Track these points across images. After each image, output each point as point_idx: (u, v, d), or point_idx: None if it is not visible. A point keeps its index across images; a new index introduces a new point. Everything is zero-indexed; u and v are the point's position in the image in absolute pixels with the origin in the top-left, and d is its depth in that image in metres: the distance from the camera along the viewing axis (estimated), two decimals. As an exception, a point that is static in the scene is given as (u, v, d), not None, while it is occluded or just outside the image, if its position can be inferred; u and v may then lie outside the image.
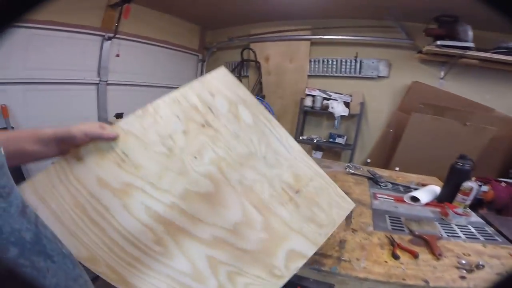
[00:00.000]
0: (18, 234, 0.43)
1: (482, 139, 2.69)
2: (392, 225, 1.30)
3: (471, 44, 2.72)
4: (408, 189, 1.76)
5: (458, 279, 0.94)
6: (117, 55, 2.89)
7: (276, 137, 0.91)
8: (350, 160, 3.34)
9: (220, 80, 0.87)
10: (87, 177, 0.67)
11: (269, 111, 3.21)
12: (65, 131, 0.65)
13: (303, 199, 0.87)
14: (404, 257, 1.04)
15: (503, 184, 1.86)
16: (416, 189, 1.73)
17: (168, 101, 0.78)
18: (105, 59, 2.80)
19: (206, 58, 4.25)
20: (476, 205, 1.80)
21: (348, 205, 0.99)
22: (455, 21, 2.74)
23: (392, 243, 1.11)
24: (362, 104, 3.30)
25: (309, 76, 3.65)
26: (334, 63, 3.52)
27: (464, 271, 0.98)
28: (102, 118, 2.79)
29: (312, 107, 3.50)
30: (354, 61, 3.40)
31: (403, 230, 1.25)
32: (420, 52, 3.05)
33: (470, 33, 2.71)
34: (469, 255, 1.09)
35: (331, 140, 3.53)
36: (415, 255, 1.04)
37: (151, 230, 0.68)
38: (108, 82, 2.87)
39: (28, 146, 0.64)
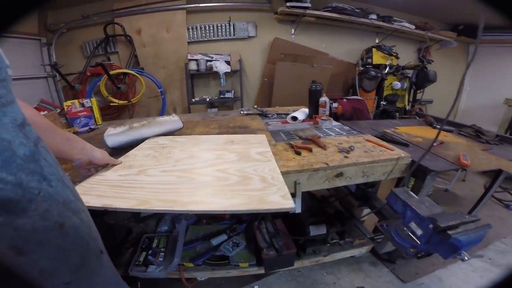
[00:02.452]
0: (7, 145, 0.35)
1: (325, 75, 3.45)
2: (286, 137, 1.61)
3: (308, 5, 3.27)
4: (288, 115, 2.07)
5: (344, 159, 1.23)
6: None
7: (203, 138, 1.48)
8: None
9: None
10: (111, 175, 1.02)
11: (155, 83, 2.98)
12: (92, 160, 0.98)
13: (239, 142, 1.37)
14: (303, 153, 1.26)
15: (345, 100, 2.30)
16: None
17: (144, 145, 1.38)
18: None
19: (52, 41, 3.37)
20: (333, 118, 2.20)
21: (262, 135, 1.48)
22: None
23: (292, 146, 1.24)
24: (240, 61, 3.55)
25: (189, 42, 3.55)
26: (211, 28, 3.55)
27: (344, 153, 1.20)
28: None
29: (197, 70, 3.49)
30: (228, 25, 3.54)
31: (295, 138, 1.55)
32: (276, 13, 3.44)
33: (309, -5, 3.25)
34: (341, 143, 1.39)
35: (221, 96, 3.69)
36: (309, 150, 1.24)
37: (171, 176, 0.99)
38: None
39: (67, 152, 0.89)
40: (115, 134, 1.36)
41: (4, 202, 0.33)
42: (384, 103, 3.42)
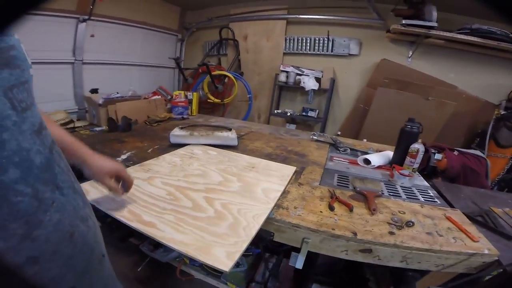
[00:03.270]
0: (26, 154, 0.35)
1: (443, 113, 2.59)
2: (338, 182, 1.26)
3: (434, 24, 2.56)
4: (365, 154, 1.67)
5: (386, 234, 0.86)
6: (92, 36, 2.71)
7: (232, 156, 1.41)
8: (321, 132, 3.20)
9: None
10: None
11: (246, 89, 3.27)
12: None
13: (259, 169, 1.24)
14: (339, 210, 0.99)
15: (455, 153, 1.70)
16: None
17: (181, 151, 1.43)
18: (80, 40, 2.63)
19: (185, 38, 4.02)
20: (431, 174, 1.69)
21: (291, 168, 1.29)
22: (422, 2, 2.57)
23: (332, 196, 0.98)
24: (333, 80, 3.20)
25: (285, 53, 3.50)
26: (308, 41, 3.35)
27: (394, 227, 0.86)
28: (78, 94, 2.67)
29: (286, 82, 3.40)
30: (326, 39, 3.24)
31: (347, 187, 1.21)
32: (388, 31, 2.88)
33: (435, 13, 2.54)
34: (404, 213, 1.01)
35: (303, 113, 3.43)
36: (350, 208, 0.95)
37: (164, 190, 0.98)
38: (84, 61, 2.71)
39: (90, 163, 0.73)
40: (177, 136, 1.55)
41: (25, 215, 0.34)
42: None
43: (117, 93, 2.27)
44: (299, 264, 1.01)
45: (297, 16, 3.29)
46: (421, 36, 2.69)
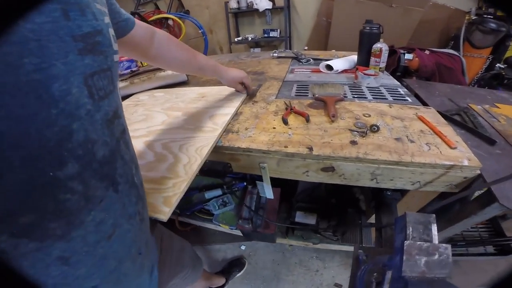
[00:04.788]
0: (91, 147, 0.30)
1: (411, 19, 2.43)
2: (296, 92, 1.10)
3: None
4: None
5: (348, 145, 0.70)
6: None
7: (180, 92, 1.17)
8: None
9: None
10: None
11: (198, 26, 2.66)
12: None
13: (209, 97, 1.03)
14: (295, 122, 0.82)
15: (427, 52, 1.52)
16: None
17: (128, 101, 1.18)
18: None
19: None
20: (405, 74, 1.57)
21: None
22: None
23: (287, 108, 0.78)
24: None
25: None
26: None
27: (357, 134, 0.69)
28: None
29: (238, 8, 3.12)
30: None
31: (306, 95, 0.96)
32: None
33: None
34: (369, 115, 0.84)
35: (265, 35, 3.25)
36: (305, 117, 0.74)
37: None
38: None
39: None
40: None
41: (68, 214, 0.29)
42: (503, 66, 2.17)
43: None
44: (268, 194, 0.92)
45: None
46: None
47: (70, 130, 0.27)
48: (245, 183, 1.43)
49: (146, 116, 0.93)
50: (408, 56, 1.49)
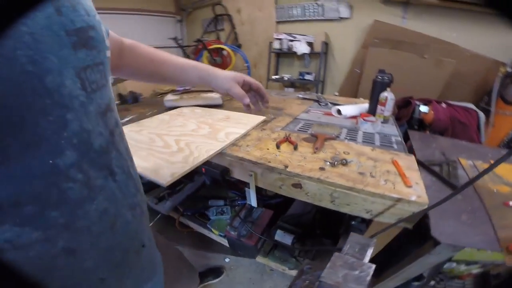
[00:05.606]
0: (86, 136, 0.32)
1: (443, 71, 2.45)
2: (300, 128, 1.28)
3: None
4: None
5: (316, 170, 0.83)
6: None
7: (213, 111, 1.47)
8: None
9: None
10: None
11: (244, 60, 3.29)
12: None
13: (231, 119, 1.29)
14: (285, 148, 1.02)
15: (443, 105, 1.59)
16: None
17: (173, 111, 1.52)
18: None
19: (183, 18, 4.29)
20: (419, 127, 1.63)
21: (261, 117, 1.31)
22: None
23: (285, 137, 1.00)
24: (325, 43, 3.24)
25: (278, 22, 3.61)
26: (299, 8, 3.45)
27: (328, 164, 0.86)
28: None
29: (280, 49, 3.54)
30: (316, 5, 3.29)
31: (306, 131, 1.15)
32: None
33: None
34: (348, 153, 0.96)
35: (300, 77, 3.60)
36: (294, 146, 0.93)
37: (148, 137, 1.08)
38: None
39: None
40: (169, 100, 1.68)
41: (71, 203, 0.31)
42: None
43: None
44: (253, 201, 1.03)
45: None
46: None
47: (65, 120, 0.28)
48: (246, 202, 1.62)
49: (183, 124, 1.27)
50: (424, 108, 1.56)
